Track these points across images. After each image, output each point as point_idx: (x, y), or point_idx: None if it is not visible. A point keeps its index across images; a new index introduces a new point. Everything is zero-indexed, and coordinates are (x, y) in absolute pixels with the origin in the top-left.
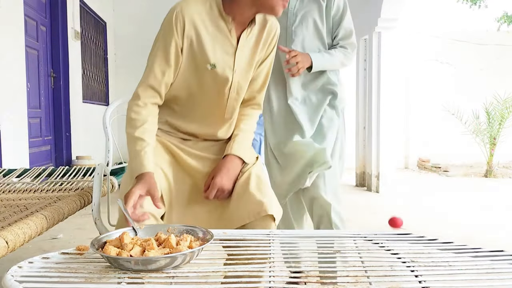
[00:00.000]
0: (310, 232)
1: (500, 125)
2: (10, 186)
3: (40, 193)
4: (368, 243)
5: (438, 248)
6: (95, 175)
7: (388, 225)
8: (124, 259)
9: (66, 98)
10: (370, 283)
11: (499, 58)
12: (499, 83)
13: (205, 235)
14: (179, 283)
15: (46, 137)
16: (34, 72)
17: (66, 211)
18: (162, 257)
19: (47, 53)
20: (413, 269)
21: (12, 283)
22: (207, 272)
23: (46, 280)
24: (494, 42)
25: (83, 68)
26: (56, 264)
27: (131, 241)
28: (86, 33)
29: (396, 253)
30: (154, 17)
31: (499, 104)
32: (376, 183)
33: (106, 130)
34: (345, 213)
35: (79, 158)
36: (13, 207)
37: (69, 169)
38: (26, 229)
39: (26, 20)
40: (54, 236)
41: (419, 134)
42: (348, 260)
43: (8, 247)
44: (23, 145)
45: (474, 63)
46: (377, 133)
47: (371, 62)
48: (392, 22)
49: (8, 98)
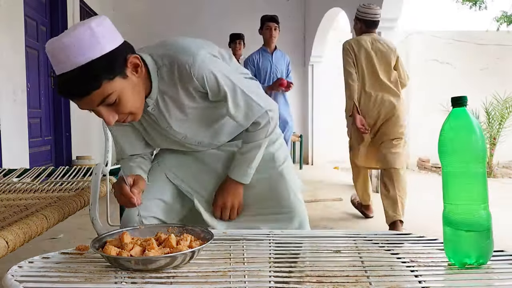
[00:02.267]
0: (310, 232)
1: (500, 125)
2: (10, 186)
3: (40, 193)
4: (368, 243)
5: (438, 248)
6: (92, 175)
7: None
8: (124, 259)
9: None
10: (370, 283)
11: (499, 58)
12: (499, 83)
13: (205, 235)
14: (179, 283)
15: (46, 137)
16: (34, 72)
17: (66, 211)
18: (162, 257)
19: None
20: (413, 269)
21: (12, 283)
22: (207, 272)
23: (46, 280)
24: (494, 42)
25: None
26: (56, 264)
27: (131, 241)
28: None
29: (396, 253)
30: (154, 17)
31: (499, 104)
32: (376, 183)
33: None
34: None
35: (79, 158)
36: (13, 207)
37: (69, 169)
38: (26, 229)
39: (26, 20)
40: (54, 236)
41: (419, 134)
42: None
43: (8, 247)
44: (23, 145)
45: (474, 63)
46: None
47: None
48: (392, 22)
49: (8, 98)
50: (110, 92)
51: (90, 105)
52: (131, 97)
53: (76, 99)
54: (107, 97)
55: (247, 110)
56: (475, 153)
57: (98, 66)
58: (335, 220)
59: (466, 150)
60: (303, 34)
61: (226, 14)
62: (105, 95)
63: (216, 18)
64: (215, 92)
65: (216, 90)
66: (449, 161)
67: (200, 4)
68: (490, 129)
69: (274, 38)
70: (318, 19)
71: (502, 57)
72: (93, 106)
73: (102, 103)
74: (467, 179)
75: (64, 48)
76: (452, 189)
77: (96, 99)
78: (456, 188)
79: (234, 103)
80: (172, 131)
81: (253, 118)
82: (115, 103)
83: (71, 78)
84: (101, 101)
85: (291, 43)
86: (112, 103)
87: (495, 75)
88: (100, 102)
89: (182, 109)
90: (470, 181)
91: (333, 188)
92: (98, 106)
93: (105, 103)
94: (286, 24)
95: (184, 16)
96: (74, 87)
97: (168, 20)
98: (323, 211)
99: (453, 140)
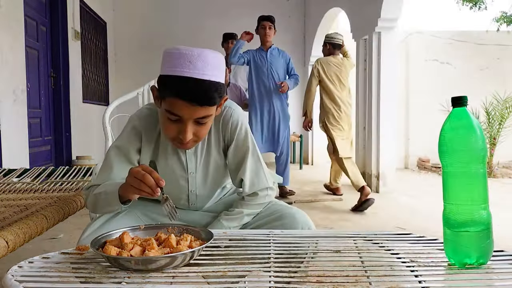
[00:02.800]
0: (309, 232)
1: (500, 125)
2: (10, 186)
3: (40, 193)
4: (368, 243)
5: (438, 248)
6: (92, 176)
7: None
8: (124, 259)
9: (66, 98)
10: (370, 283)
11: (499, 58)
12: (499, 83)
13: (205, 235)
14: (179, 283)
15: (46, 137)
16: (34, 72)
17: (66, 211)
18: (162, 257)
19: (47, 53)
20: (413, 269)
21: (12, 283)
22: (207, 272)
23: (46, 280)
24: (494, 42)
25: (83, 68)
26: (56, 264)
27: (131, 241)
28: (86, 33)
29: (396, 253)
30: (154, 17)
31: (499, 104)
32: (376, 183)
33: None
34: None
35: (79, 158)
36: (13, 207)
37: (69, 169)
38: (26, 229)
39: (26, 20)
40: (54, 236)
41: (419, 134)
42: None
43: (8, 247)
44: (23, 145)
45: (474, 63)
46: (377, 133)
47: (371, 62)
48: (392, 22)
49: (8, 98)
50: (210, 114)
51: (191, 115)
52: (208, 128)
53: (190, 103)
54: (207, 117)
55: (254, 176)
56: (476, 153)
57: (221, 89)
58: (335, 220)
59: (467, 150)
60: (303, 34)
61: (226, 14)
62: (208, 114)
63: (216, 18)
64: (238, 146)
65: (241, 143)
66: (449, 161)
67: (200, 5)
68: (490, 129)
69: (268, 36)
70: (318, 19)
71: (502, 57)
72: (193, 117)
73: (198, 118)
74: (467, 179)
75: (209, 59)
76: (452, 189)
77: (202, 113)
78: (457, 188)
79: (248, 166)
80: (191, 179)
81: (254, 189)
82: (201, 125)
83: (203, 85)
84: (200, 117)
85: (291, 43)
86: (201, 123)
87: (495, 75)
88: (199, 117)
89: (208, 159)
90: (470, 181)
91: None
92: (191, 121)
93: (198, 121)
94: (286, 24)
95: (184, 16)
96: (201, 94)
97: (168, 21)
98: (323, 211)
99: (453, 140)
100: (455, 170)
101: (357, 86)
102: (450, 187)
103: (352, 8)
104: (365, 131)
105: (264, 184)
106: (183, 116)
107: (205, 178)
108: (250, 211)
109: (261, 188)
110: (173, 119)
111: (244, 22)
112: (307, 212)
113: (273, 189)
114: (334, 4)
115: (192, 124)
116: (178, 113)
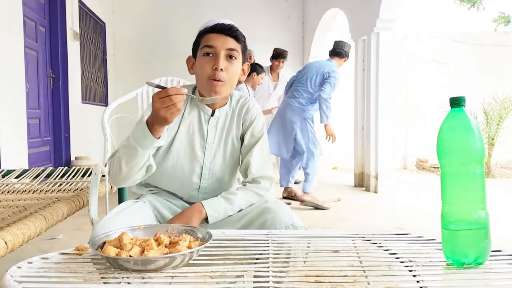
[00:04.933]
0: (309, 232)
1: (498, 126)
2: (9, 187)
3: (39, 194)
4: (367, 243)
5: (436, 248)
6: (92, 176)
7: None
8: (124, 259)
9: (65, 98)
10: (368, 283)
11: (497, 58)
12: (497, 84)
13: (204, 236)
14: (179, 283)
15: (45, 138)
16: (33, 73)
17: (65, 211)
18: (161, 257)
19: (46, 53)
20: (411, 269)
21: (11, 283)
22: (207, 272)
23: (45, 280)
24: (492, 42)
25: (82, 68)
26: (55, 264)
27: (130, 241)
28: (85, 34)
29: (394, 253)
30: (154, 18)
31: (497, 105)
32: (375, 183)
33: (105, 131)
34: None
35: (78, 158)
36: (12, 208)
37: (68, 169)
38: (25, 229)
39: (25, 21)
40: (53, 237)
41: (418, 134)
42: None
43: (7, 248)
44: (22, 145)
45: (472, 63)
46: (375, 134)
47: (370, 63)
48: (390, 22)
49: (7, 98)
50: (236, 55)
51: (223, 45)
52: (236, 73)
53: (221, 33)
54: (235, 51)
55: (261, 162)
56: (474, 154)
57: (244, 38)
58: (333, 220)
59: (464, 150)
60: (302, 34)
61: (226, 14)
62: (236, 48)
63: (216, 18)
64: (254, 132)
65: (256, 131)
66: (448, 161)
67: (200, 4)
68: (488, 130)
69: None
70: (317, 19)
71: (501, 58)
72: (224, 46)
73: (229, 50)
74: (465, 179)
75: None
76: (451, 190)
77: (231, 44)
78: (455, 189)
79: (258, 151)
80: (208, 147)
81: (260, 173)
82: (231, 62)
83: (230, 24)
84: (230, 48)
85: (290, 43)
86: (231, 58)
87: (493, 76)
88: (229, 48)
89: (227, 137)
90: (468, 181)
91: (331, 188)
92: (223, 52)
93: (229, 53)
94: (285, 24)
95: (183, 16)
96: (229, 27)
97: (167, 21)
98: (322, 211)
99: (452, 140)
100: (453, 170)
101: (355, 87)
102: (448, 187)
103: (351, 9)
104: (364, 131)
105: (269, 174)
106: (216, 46)
107: (221, 153)
108: (247, 197)
109: (265, 175)
110: (208, 51)
111: (244, 22)
112: (306, 212)
113: (274, 180)
114: (333, 4)
115: (224, 58)
116: (212, 44)
